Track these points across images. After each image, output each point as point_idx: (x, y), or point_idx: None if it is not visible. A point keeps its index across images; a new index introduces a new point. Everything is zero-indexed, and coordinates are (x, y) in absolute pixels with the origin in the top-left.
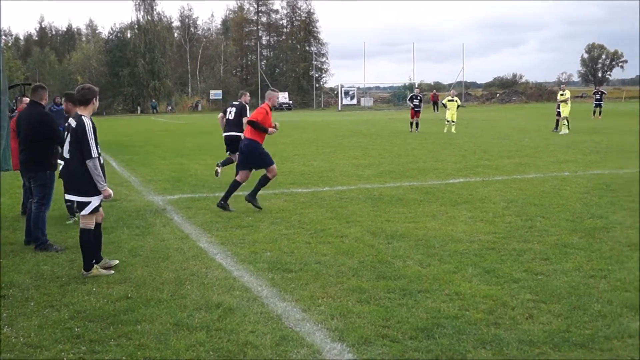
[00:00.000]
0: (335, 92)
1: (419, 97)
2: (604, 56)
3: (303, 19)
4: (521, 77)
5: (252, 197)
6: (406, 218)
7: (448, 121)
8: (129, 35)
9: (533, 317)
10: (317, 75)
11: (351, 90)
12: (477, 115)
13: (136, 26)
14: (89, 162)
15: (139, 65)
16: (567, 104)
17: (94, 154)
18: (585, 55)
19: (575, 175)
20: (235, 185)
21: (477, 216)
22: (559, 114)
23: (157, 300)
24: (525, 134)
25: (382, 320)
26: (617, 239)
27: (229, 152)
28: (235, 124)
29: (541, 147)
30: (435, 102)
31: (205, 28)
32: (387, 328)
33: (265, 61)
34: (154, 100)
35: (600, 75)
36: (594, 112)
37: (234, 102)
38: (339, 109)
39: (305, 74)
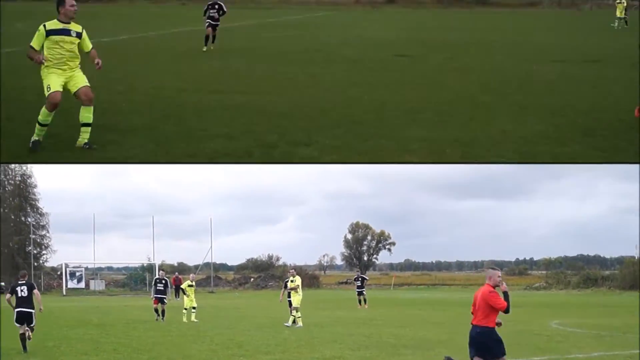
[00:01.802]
0: (59, 273)
1: (164, 281)
2: (369, 237)
3: (17, 182)
4: (278, 258)
5: None
6: None
7: (186, 309)
8: None
9: None
10: (35, 251)
11: (78, 271)
12: (229, 302)
13: None
14: None
15: None
16: (297, 292)
17: None
18: (349, 236)
19: None
20: None
21: None
22: (290, 303)
23: None
24: (285, 327)
25: None
26: None
27: (19, 324)
28: (29, 300)
29: (304, 340)
30: (177, 287)
31: None
32: None
33: None
34: None
35: (366, 258)
36: (359, 301)
37: (20, 282)
38: (64, 293)
39: (21, 250)
